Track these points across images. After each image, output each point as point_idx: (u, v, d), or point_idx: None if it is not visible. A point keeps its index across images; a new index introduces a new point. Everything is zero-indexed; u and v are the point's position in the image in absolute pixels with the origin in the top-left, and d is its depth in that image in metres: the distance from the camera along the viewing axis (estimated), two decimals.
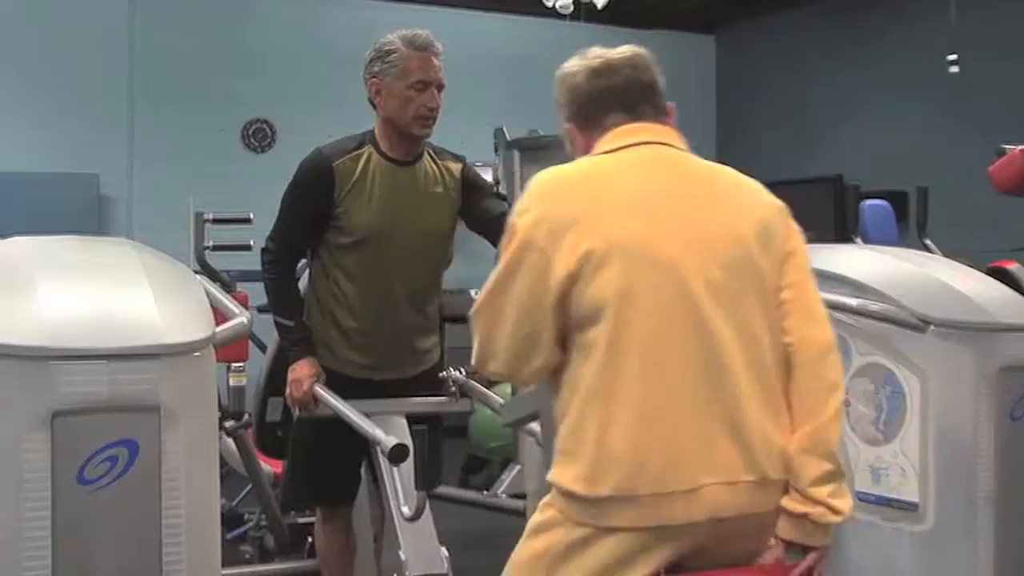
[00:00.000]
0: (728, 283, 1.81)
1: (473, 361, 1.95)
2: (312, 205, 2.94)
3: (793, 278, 1.89)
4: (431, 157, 3.04)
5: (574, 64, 2.02)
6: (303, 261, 3.16)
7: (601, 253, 1.77)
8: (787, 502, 1.80)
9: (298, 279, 3.15)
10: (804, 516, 1.78)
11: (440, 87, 2.93)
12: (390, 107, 2.91)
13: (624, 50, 2.00)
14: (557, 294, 1.79)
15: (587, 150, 1.99)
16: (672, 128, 1.99)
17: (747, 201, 1.93)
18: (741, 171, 2.00)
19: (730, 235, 1.85)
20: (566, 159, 2.00)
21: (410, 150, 2.99)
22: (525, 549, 1.87)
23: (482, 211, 3.06)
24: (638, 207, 1.84)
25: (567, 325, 1.82)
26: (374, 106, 2.97)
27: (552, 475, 1.83)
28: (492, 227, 3.06)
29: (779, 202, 1.97)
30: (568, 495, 1.78)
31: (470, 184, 3.08)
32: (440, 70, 2.92)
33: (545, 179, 1.91)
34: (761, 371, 1.81)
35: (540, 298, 1.80)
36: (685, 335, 1.77)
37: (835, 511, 1.79)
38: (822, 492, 1.78)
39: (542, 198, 1.87)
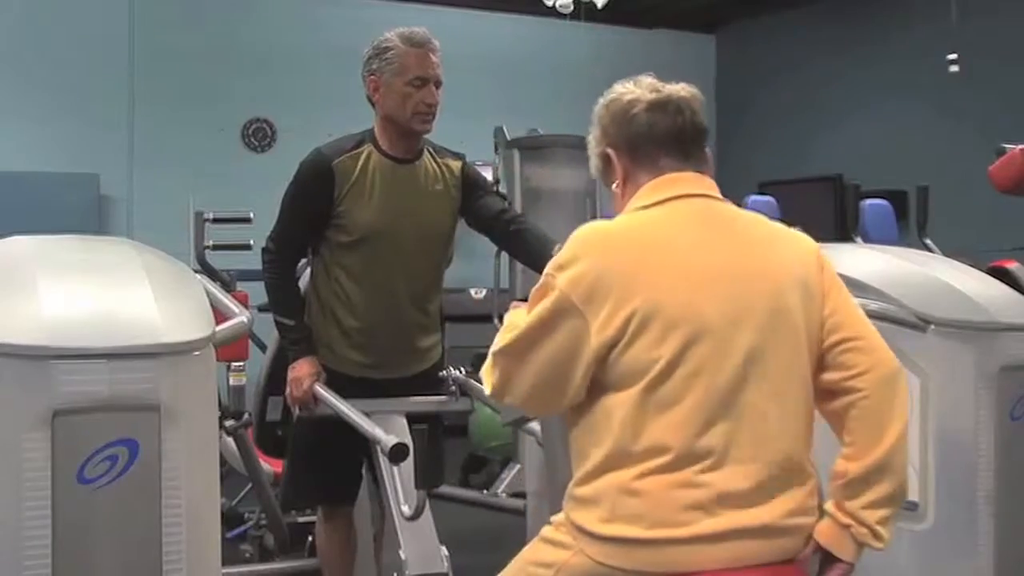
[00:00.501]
0: (766, 343, 1.78)
1: (487, 392, 1.92)
2: (312, 205, 2.94)
3: (839, 317, 1.86)
4: (431, 155, 3.04)
5: (628, 91, 1.92)
6: (304, 260, 3.16)
7: (643, 316, 1.73)
8: (833, 510, 1.78)
9: (299, 278, 3.15)
10: (847, 527, 1.77)
11: (438, 84, 2.92)
12: (389, 104, 2.91)
13: (682, 88, 1.93)
14: (592, 357, 1.76)
15: (624, 178, 1.93)
16: (711, 176, 1.94)
17: (786, 254, 1.89)
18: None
19: (770, 292, 1.81)
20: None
21: (410, 148, 2.99)
22: (535, 551, 1.88)
23: (482, 209, 3.06)
24: (681, 269, 1.79)
25: (597, 379, 1.78)
26: (373, 104, 2.97)
27: (569, 512, 1.82)
28: (492, 225, 3.07)
29: (813, 245, 1.94)
30: (584, 532, 1.77)
31: (470, 182, 3.08)
32: (438, 66, 2.92)
33: (587, 234, 1.83)
34: (790, 430, 1.79)
35: (573, 357, 1.76)
36: (717, 399, 1.74)
37: (878, 537, 1.77)
38: (873, 516, 1.76)
39: (584, 254, 1.79)
